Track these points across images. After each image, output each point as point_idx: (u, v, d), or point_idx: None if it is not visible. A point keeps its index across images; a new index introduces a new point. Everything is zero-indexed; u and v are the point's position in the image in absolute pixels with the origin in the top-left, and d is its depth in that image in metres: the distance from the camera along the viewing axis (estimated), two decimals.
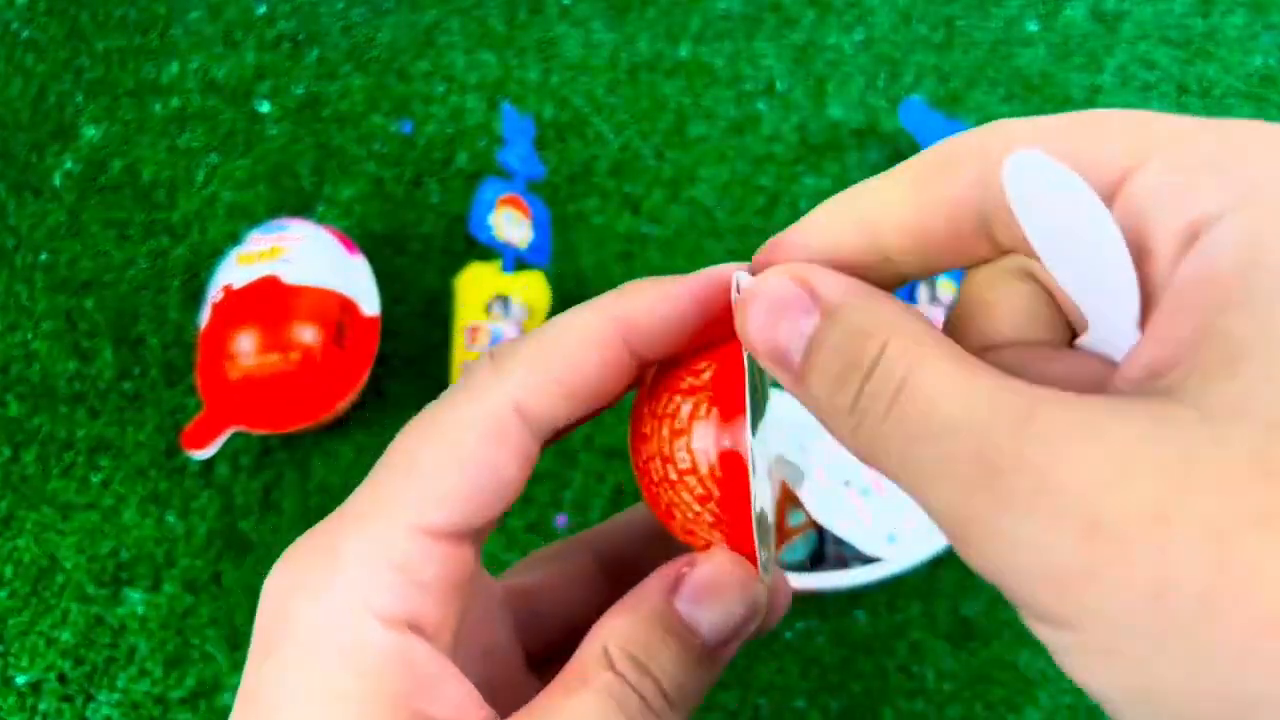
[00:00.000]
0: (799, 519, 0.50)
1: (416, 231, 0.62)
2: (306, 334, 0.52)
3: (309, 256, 0.54)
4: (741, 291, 0.17)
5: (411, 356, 0.58)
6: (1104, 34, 0.67)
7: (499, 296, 0.55)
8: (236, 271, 0.53)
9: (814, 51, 0.67)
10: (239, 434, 0.54)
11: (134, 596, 0.53)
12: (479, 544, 0.19)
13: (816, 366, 0.16)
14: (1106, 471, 0.12)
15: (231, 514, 0.54)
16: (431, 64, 0.67)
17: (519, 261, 0.56)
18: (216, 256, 0.58)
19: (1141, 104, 0.64)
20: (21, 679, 0.51)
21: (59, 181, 0.64)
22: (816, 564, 0.50)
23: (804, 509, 0.49)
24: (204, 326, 0.53)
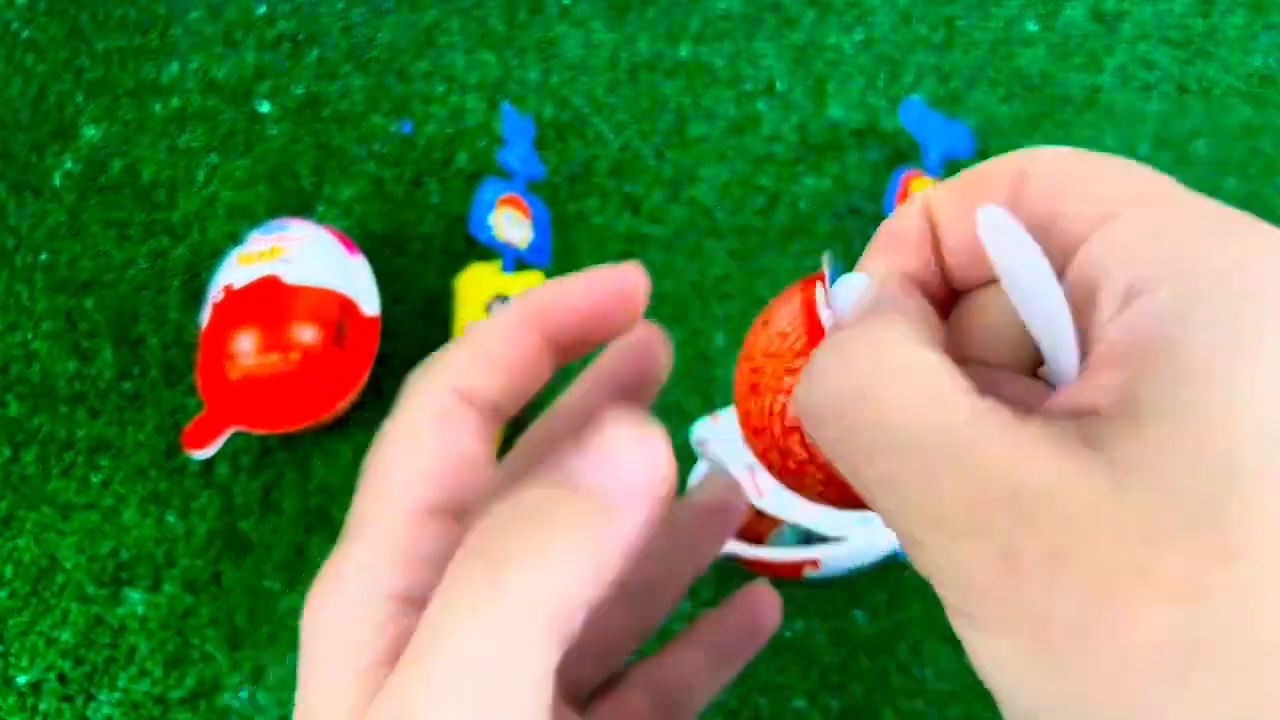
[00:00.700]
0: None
1: (416, 231, 0.62)
2: (306, 334, 0.52)
3: (309, 256, 0.54)
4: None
5: (411, 356, 0.58)
6: (1104, 34, 0.67)
7: (499, 296, 0.55)
8: (237, 271, 0.53)
9: (814, 51, 0.67)
10: (239, 434, 0.54)
11: (134, 596, 0.53)
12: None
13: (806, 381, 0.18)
14: (1025, 507, 0.14)
15: (231, 514, 0.54)
16: (431, 64, 0.67)
17: (519, 261, 0.56)
18: (216, 256, 0.58)
19: (1142, 104, 0.64)
20: (21, 679, 0.51)
21: (59, 181, 0.64)
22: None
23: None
24: (204, 326, 0.53)
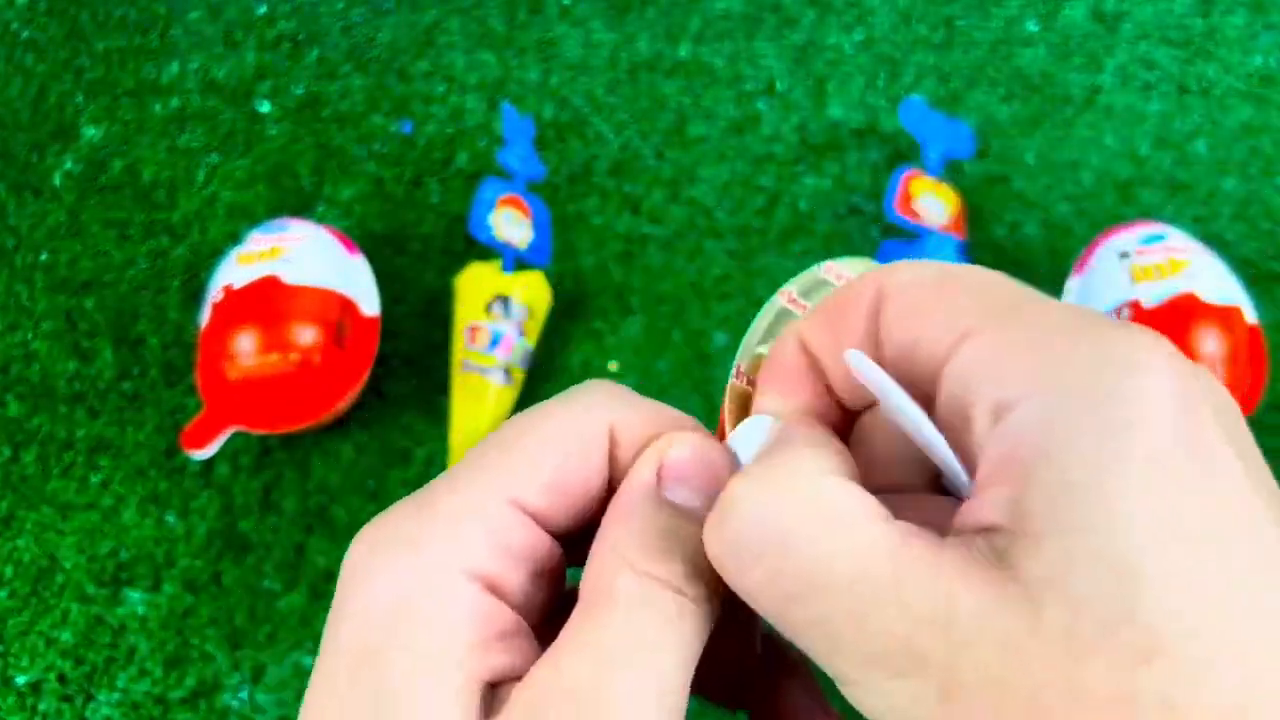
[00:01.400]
0: None
1: (416, 231, 0.62)
2: (306, 334, 0.52)
3: (309, 256, 0.54)
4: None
5: (411, 356, 0.58)
6: (1104, 34, 0.67)
7: (499, 296, 0.55)
8: (236, 271, 0.53)
9: (814, 51, 0.67)
10: (239, 434, 0.54)
11: (134, 596, 0.53)
12: (560, 560, 0.19)
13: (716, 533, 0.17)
14: (956, 637, 0.14)
15: (231, 514, 0.54)
16: (431, 64, 0.67)
17: (519, 261, 0.56)
18: (216, 256, 0.58)
19: (1142, 104, 0.64)
20: (21, 679, 0.51)
21: (59, 181, 0.64)
22: None
23: None
24: (204, 326, 0.53)
